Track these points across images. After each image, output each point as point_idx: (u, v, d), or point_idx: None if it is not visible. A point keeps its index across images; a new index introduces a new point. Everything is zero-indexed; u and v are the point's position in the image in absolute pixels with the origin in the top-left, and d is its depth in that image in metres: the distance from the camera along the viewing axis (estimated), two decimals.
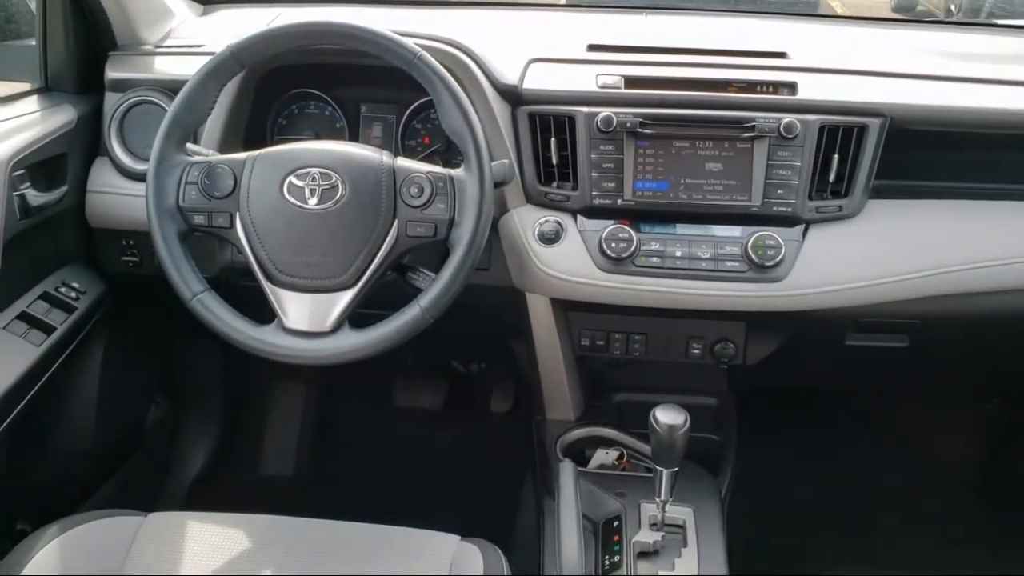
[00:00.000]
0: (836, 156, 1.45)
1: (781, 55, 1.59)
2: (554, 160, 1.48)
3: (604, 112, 1.44)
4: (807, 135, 1.42)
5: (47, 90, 1.64)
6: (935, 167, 1.57)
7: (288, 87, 1.65)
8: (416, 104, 1.62)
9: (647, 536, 1.37)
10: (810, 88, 1.48)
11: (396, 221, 1.28)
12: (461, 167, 1.30)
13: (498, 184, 1.33)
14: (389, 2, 2.02)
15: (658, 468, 1.33)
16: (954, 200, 1.53)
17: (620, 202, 1.46)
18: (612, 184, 1.46)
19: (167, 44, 1.70)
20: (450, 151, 1.62)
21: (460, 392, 2.45)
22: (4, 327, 1.46)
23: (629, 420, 1.65)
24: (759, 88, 1.49)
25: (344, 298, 1.27)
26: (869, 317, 1.51)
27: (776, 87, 1.49)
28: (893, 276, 1.45)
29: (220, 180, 1.30)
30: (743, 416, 1.77)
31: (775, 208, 1.44)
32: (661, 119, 1.45)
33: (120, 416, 1.90)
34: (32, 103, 1.58)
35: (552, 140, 1.48)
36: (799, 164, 1.43)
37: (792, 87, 1.48)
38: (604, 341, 1.61)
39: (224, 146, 1.51)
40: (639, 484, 1.49)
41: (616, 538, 1.40)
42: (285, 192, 1.28)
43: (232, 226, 1.30)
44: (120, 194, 1.59)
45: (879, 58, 1.63)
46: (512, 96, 1.50)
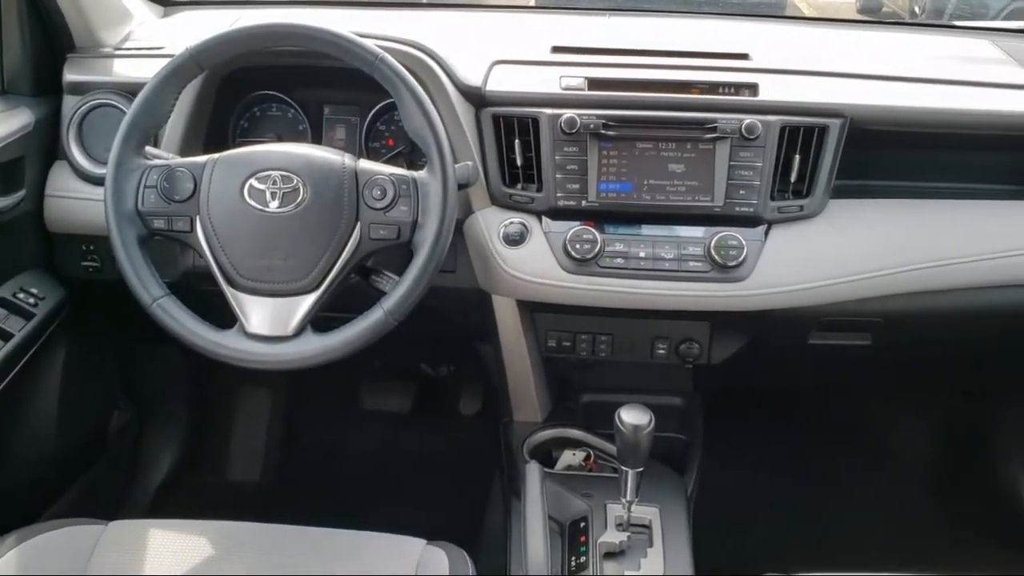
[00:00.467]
0: (797, 156, 1.46)
1: (743, 56, 1.60)
2: (518, 162, 1.48)
3: (568, 114, 1.44)
4: (768, 136, 1.43)
5: (3, 93, 1.61)
6: (896, 167, 1.59)
7: (250, 89, 1.64)
8: (380, 106, 1.61)
9: (613, 536, 1.37)
10: (771, 89, 1.49)
11: (359, 224, 1.28)
12: (424, 169, 1.30)
13: (462, 186, 1.33)
14: (353, 4, 2.01)
15: (623, 468, 1.34)
16: (914, 200, 1.55)
17: (584, 203, 1.47)
18: (576, 186, 1.46)
19: (126, 46, 1.68)
20: (414, 153, 1.61)
21: (428, 395, 2.45)
22: None
23: (596, 421, 1.65)
24: (721, 89, 1.50)
25: (306, 302, 1.27)
26: (831, 316, 1.52)
27: (737, 88, 1.50)
28: (854, 275, 1.46)
29: (179, 183, 1.29)
30: (709, 416, 1.78)
31: (737, 208, 1.45)
32: (624, 120, 1.45)
33: (82, 423, 1.88)
34: None
35: (516, 142, 1.48)
36: (761, 165, 1.44)
37: (753, 88, 1.49)
38: (570, 342, 1.61)
39: (185, 149, 1.49)
40: (606, 484, 1.50)
41: (582, 539, 1.41)
42: (246, 195, 1.27)
43: (192, 230, 1.29)
44: (79, 198, 1.57)
45: (841, 59, 1.64)
46: (476, 98, 1.50)
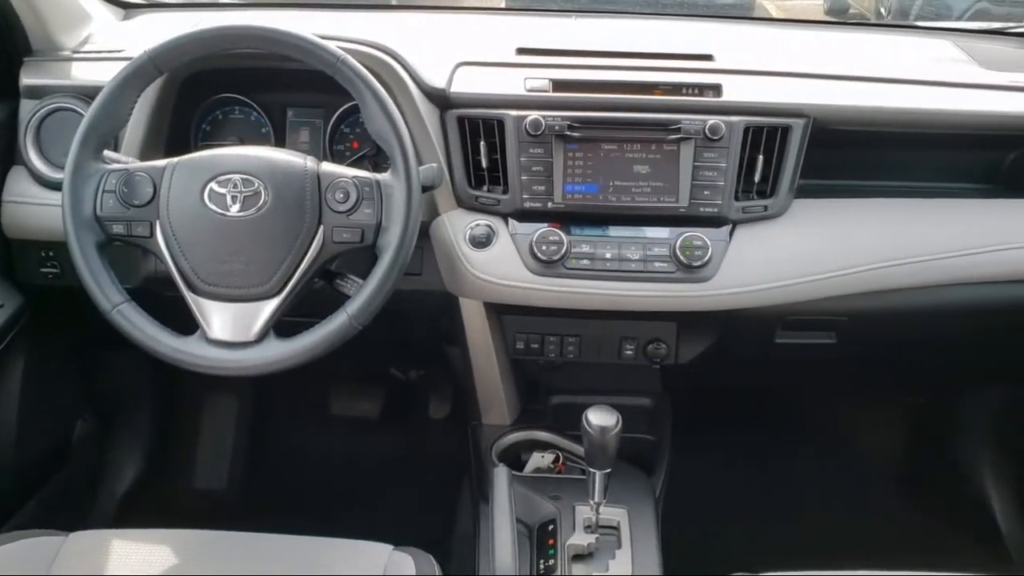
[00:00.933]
0: (761, 157, 1.46)
1: (707, 57, 1.60)
2: (484, 164, 1.48)
3: (532, 115, 1.44)
4: (732, 136, 1.44)
5: None
6: (859, 166, 1.61)
7: (212, 92, 1.62)
8: (344, 108, 1.60)
9: (581, 539, 1.37)
10: (735, 90, 1.50)
11: (321, 227, 1.27)
12: (388, 171, 1.29)
13: (427, 188, 1.32)
14: (318, 6, 2.00)
15: (591, 470, 1.34)
16: (877, 199, 1.56)
17: (550, 205, 1.46)
18: (542, 187, 1.46)
19: (85, 49, 1.65)
20: (380, 155, 1.60)
21: (398, 399, 2.43)
22: None
23: (565, 423, 1.65)
24: (684, 90, 1.50)
25: (269, 307, 1.25)
26: (796, 315, 1.53)
27: (701, 89, 1.50)
28: (818, 274, 1.47)
29: (139, 188, 1.27)
30: (677, 416, 1.78)
31: (702, 209, 1.45)
32: (589, 122, 1.45)
33: (43, 432, 1.85)
34: None
35: (481, 144, 1.47)
36: (725, 165, 1.44)
37: (717, 89, 1.50)
38: (538, 344, 1.61)
39: (145, 153, 1.47)
40: (574, 486, 1.49)
41: (551, 541, 1.40)
42: (206, 199, 1.26)
43: (152, 235, 1.27)
44: (37, 204, 1.54)
45: (805, 60, 1.65)
46: (440, 99, 1.49)
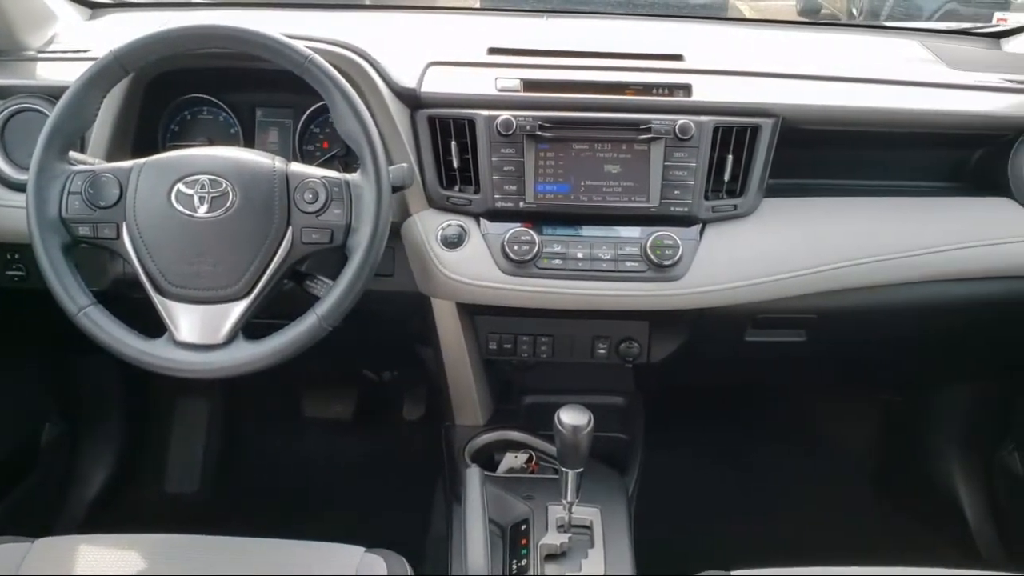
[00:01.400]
0: (731, 156, 1.47)
1: (677, 57, 1.61)
2: (455, 164, 1.47)
3: (503, 115, 1.43)
4: (702, 136, 1.44)
5: None
6: (828, 165, 1.62)
7: (180, 92, 1.60)
8: (313, 108, 1.58)
9: (554, 538, 1.37)
10: (704, 90, 1.50)
11: (290, 228, 1.26)
12: (358, 172, 1.29)
13: (397, 188, 1.32)
14: (288, 6, 1.98)
15: (564, 469, 1.33)
16: (846, 197, 1.57)
17: (522, 205, 1.46)
18: (514, 187, 1.46)
19: (50, 49, 1.63)
20: (349, 156, 1.59)
21: (371, 401, 2.43)
22: None
23: (539, 422, 1.65)
24: (655, 90, 1.51)
25: (237, 308, 1.24)
26: (766, 313, 1.54)
27: (671, 89, 1.51)
28: (787, 272, 1.48)
29: (105, 189, 1.26)
30: (650, 415, 1.79)
31: (672, 208, 1.46)
32: (560, 122, 1.45)
33: (10, 436, 1.83)
34: None
35: (452, 143, 1.47)
36: (695, 165, 1.45)
37: (687, 89, 1.50)
38: (511, 344, 1.61)
39: (112, 154, 1.45)
40: (547, 486, 1.49)
41: (524, 541, 1.40)
42: (173, 200, 1.24)
43: (119, 237, 1.26)
44: (1, 205, 1.52)
45: (774, 60, 1.66)
46: (410, 99, 1.48)
